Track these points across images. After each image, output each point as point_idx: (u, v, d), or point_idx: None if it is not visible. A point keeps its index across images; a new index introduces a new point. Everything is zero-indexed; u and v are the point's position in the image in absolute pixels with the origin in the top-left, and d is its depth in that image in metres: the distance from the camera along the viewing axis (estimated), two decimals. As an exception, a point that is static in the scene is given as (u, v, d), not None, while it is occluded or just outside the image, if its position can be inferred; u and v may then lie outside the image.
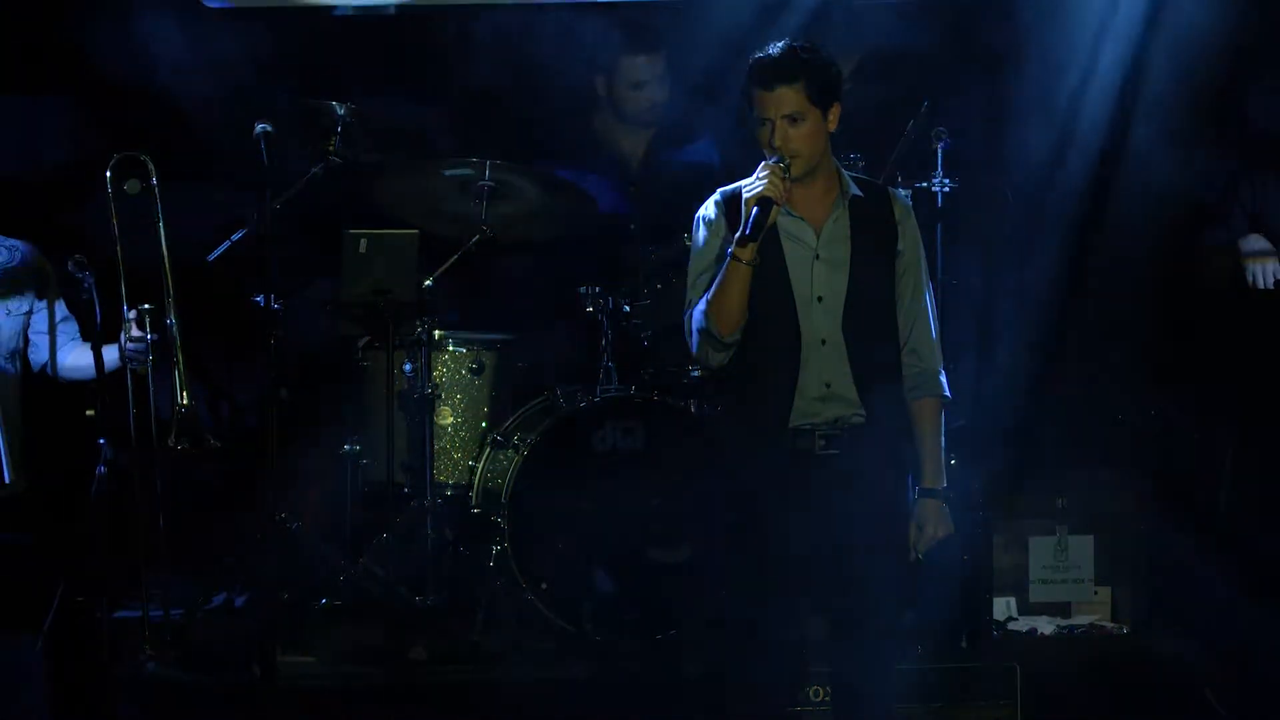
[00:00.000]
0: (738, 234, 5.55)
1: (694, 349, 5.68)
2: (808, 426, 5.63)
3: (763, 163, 5.60)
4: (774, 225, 5.58)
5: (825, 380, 5.63)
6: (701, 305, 5.62)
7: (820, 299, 5.64)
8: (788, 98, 5.59)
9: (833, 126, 5.68)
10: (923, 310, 5.76)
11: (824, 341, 5.63)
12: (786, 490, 5.60)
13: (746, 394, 5.68)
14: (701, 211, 5.74)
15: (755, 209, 5.52)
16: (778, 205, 5.55)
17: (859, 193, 5.70)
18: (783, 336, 5.63)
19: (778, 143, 5.58)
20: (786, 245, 5.66)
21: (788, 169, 5.57)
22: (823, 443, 5.63)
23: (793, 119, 5.59)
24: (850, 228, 5.68)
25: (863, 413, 5.63)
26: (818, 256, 5.66)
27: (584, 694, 6.80)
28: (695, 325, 5.64)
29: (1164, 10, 7.74)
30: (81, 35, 7.81)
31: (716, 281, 5.58)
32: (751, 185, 5.57)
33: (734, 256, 5.55)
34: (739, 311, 5.59)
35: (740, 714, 5.71)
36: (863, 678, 5.65)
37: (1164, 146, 7.73)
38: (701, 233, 5.73)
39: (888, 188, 5.89)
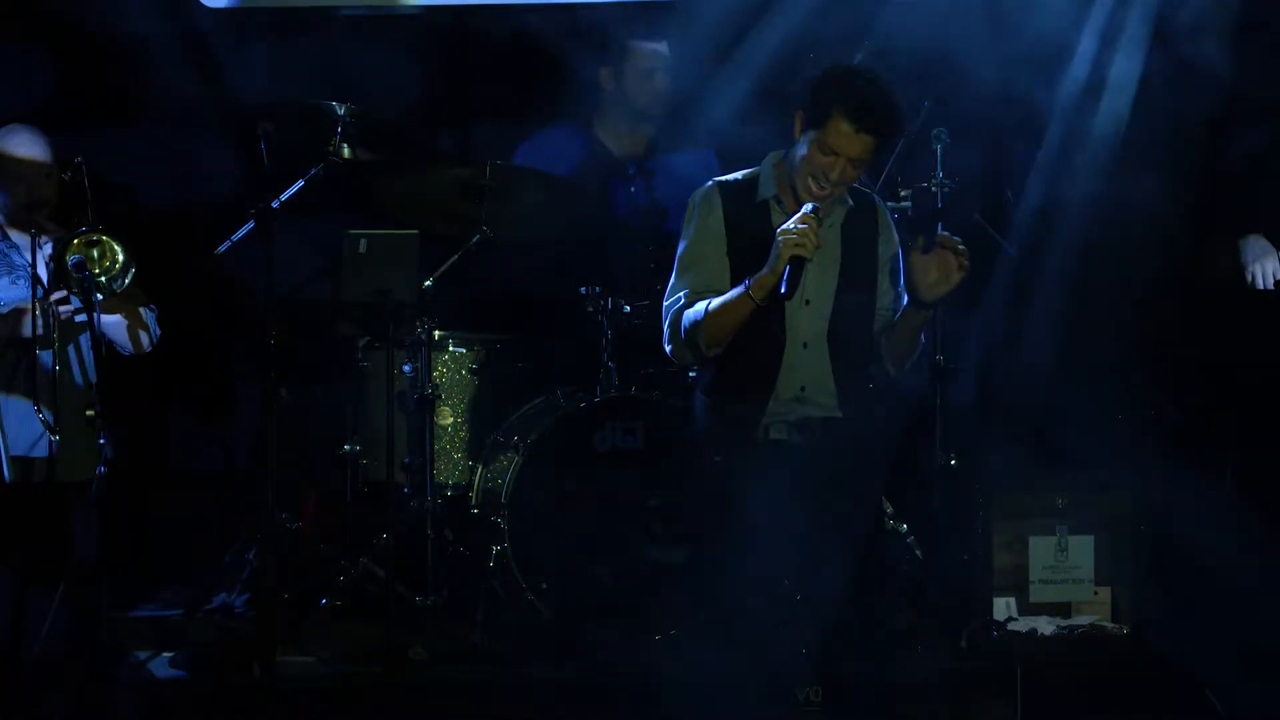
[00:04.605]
0: (774, 288, 5.52)
1: (668, 342, 5.69)
2: (780, 423, 5.64)
3: (800, 212, 5.58)
4: (769, 229, 5.57)
5: (801, 384, 5.64)
6: (696, 315, 5.60)
7: (808, 301, 5.65)
8: (868, 146, 5.63)
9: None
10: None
11: (805, 345, 5.64)
12: (761, 483, 5.60)
13: (723, 392, 5.69)
14: (697, 199, 5.72)
15: (789, 267, 5.51)
16: (809, 259, 5.55)
17: (850, 201, 5.73)
18: (767, 337, 5.63)
19: (834, 177, 5.58)
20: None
21: (820, 221, 5.58)
22: (796, 435, 5.64)
23: (856, 164, 5.61)
24: (841, 233, 5.70)
25: (838, 414, 5.64)
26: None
27: (583, 694, 6.80)
28: (682, 325, 5.64)
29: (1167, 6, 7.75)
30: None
31: (721, 303, 5.59)
32: (788, 235, 5.53)
33: (750, 294, 5.54)
34: (731, 336, 5.61)
35: (739, 714, 5.71)
36: (859, 677, 5.66)
37: (1166, 144, 7.73)
38: (694, 222, 5.72)
39: (874, 195, 5.93)
